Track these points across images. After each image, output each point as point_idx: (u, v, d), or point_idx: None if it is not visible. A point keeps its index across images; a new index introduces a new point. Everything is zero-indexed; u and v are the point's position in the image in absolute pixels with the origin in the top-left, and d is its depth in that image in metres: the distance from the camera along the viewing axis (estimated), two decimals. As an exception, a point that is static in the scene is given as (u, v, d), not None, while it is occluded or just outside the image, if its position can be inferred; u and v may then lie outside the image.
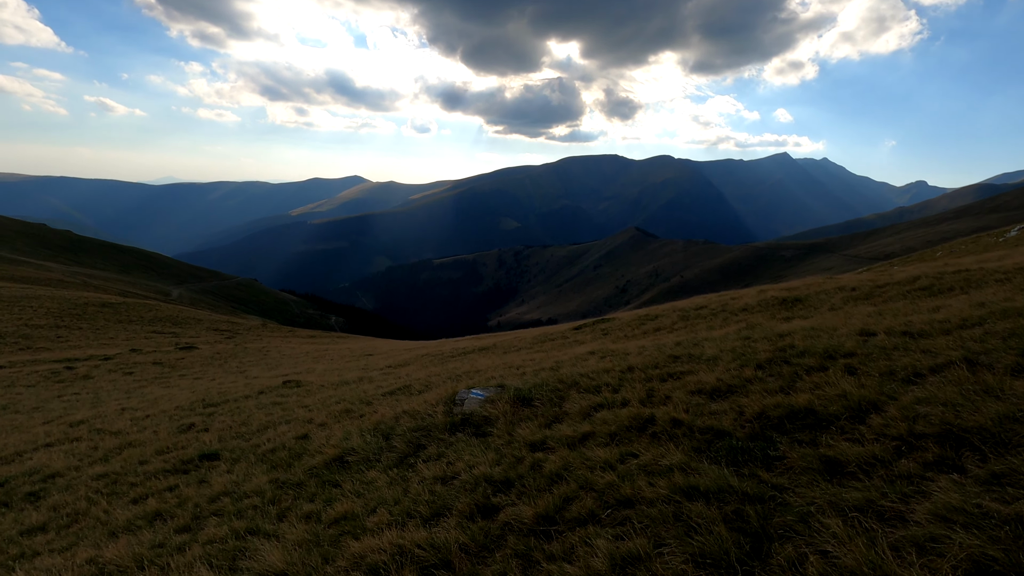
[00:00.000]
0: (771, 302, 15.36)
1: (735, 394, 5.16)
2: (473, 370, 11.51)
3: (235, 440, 7.70)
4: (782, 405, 4.34)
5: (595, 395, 6.23)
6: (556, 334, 19.92)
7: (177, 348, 39.13)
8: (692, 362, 7.16)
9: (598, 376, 7.17)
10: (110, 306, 61.01)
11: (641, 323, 17.74)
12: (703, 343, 8.79)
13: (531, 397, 6.50)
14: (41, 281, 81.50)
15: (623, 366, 7.63)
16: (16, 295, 60.48)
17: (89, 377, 26.10)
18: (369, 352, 32.33)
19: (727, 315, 15.16)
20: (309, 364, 26.50)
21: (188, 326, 58.79)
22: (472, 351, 19.57)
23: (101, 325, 52.57)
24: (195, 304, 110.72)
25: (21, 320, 49.90)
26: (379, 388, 11.00)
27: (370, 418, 7.25)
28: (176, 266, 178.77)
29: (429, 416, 6.27)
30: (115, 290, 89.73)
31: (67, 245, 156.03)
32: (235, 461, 6.48)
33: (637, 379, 6.70)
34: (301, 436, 7.05)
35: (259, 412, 10.07)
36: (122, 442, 8.75)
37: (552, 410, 6.00)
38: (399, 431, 5.95)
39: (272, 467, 5.79)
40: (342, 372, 18.83)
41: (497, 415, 5.91)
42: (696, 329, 13.67)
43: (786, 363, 5.94)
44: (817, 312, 12.31)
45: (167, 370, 28.16)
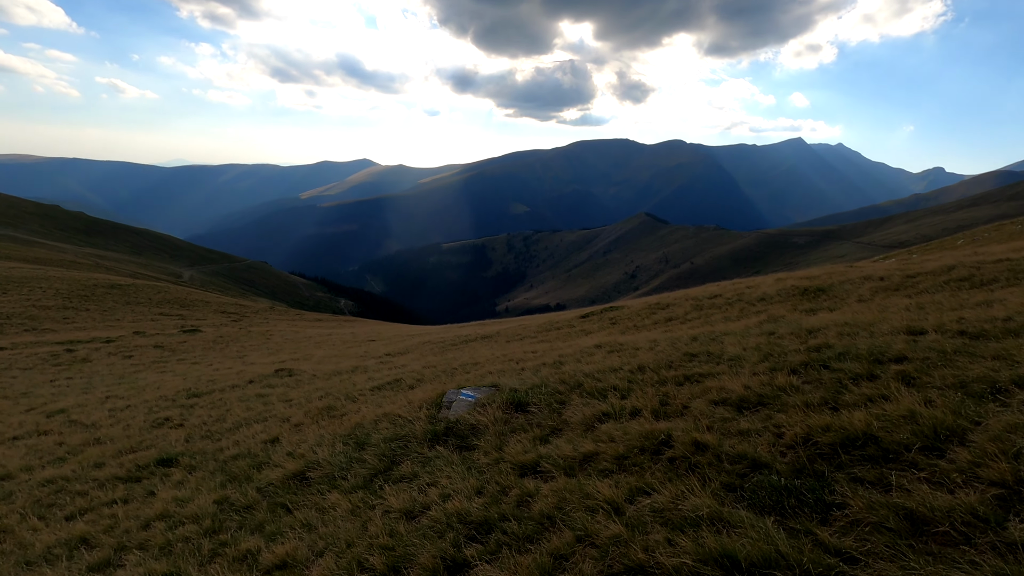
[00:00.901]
0: (791, 292, 14.39)
1: (768, 407, 4.31)
2: (471, 362, 10.74)
3: (202, 441, 7.00)
4: (833, 428, 3.48)
5: (600, 401, 5.40)
6: (562, 322, 19.09)
7: (181, 331, 38.80)
8: (712, 362, 6.31)
9: (604, 377, 6.34)
10: (119, 288, 60.96)
11: (652, 312, 16.85)
12: (722, 338, 7.92)
13: (527, 401, 5.69)
14: (54, 262, 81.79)
15: (633, 365, 6.79)
16: (27, 276, 60.58)
17: (88, 360, 25.71)
18: (372, 338, 31.71)
19: (744, 305, 14.23)
20: (309, 350, 25.92)
21: (196, 308, 58.65)
22: (475, 339, 18.81)
23: (109, 307, 52.48)
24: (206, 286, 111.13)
25: (30, 301, 49.86)
26: (370, 380, 10.27)
27: (349, 420, 6.49)
28: (188, 248, 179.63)
29: (410, 422, 5.49)
30: (126, 272, 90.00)
31: (81, 226, 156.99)
32: (192, 469, 5.77)
33: (649, 382, 5.86)
34: (271, 440, 6.33)
35: (240, 406, 9.38)
36: (88, 438, 8.11)
37: (550, 419, 5.19)
38: (374, 440, 5.18)
39: (228, 480, 5.06)
40: (340, 359, 18.17)
41: (486, 424, 5.11)
42: (712, 320, 12.77)
43: (825, 368, 5.07)
44: (844, 304, 11.37)
45: (167, 354, 27.72)
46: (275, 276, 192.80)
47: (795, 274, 19.32)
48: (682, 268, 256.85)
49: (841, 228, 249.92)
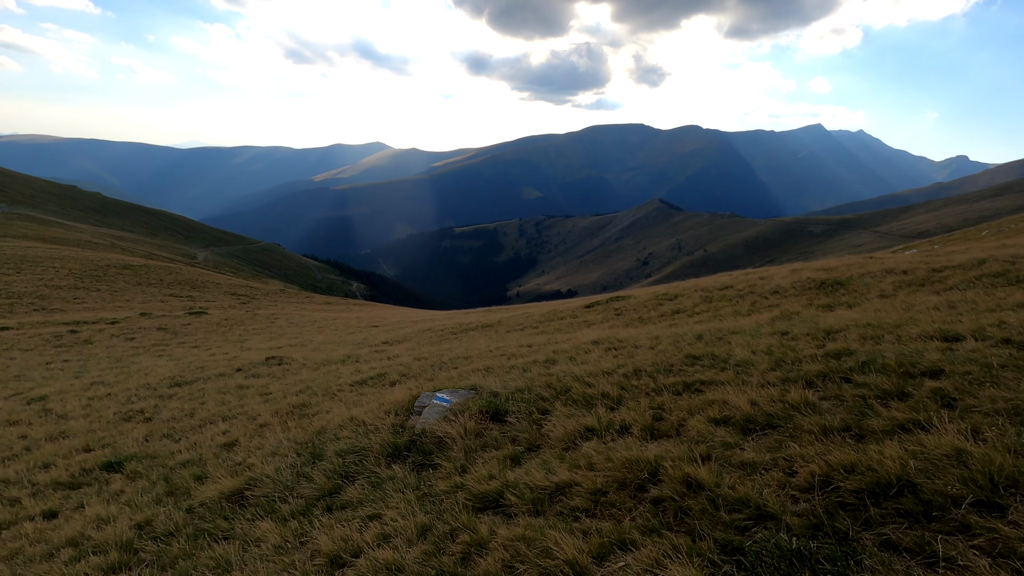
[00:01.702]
0: (807, 284, 13.57)
1: (778, 430, 3.64)
2: (463, 355, 10.15)
3: (161, 441, 6.50)
4: (859, 468, 2.81)
5: (586, 412, 4.77)
6: (566, 312, 18.43)
7: (187, 313, 38.72)
8: (716, 367, 5.63)
9: (596, 381, 5.69)
10: (131, 268, 61.22)
11: (659, 303, 16.12)
12: (730, 337, 7.22)
13: (506, 409, 5.07)
14: (70, 242, 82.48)
15: (629, 367, 6.13)
16: (41, 255, 61.01)
17: (89, 342, 25.58)
18: (376, 323, 31.30)
19: (756, 298, 13.45)
20: (311, 335, 25.54)
21: (206, 290, 58.74)
22: (475, 328, 18.23)
23: (119, 287, 52.66)
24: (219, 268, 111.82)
25: (42, 280, 50.15)
26: (357, 373, 9.74)
27: (315, 423, 5.93)
28: (203, 229, 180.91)
29: (373, 431, 4.90)
30: (141, 252, 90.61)
31: (97, 207, 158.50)
32: (135, 477, 5.26)
33: (644, 389, 5.21)
34: (229, 444, 5.80)
35: (216, 399, 8.90)
36: (53, 432, 7.68)
37: (528, 432, 4.57)
38: (330, 452, 4.60)
39: (165, 494, 4.53)
40: (336, 347, 17.71)
41: (455, 437, 4.50)
42: (721, 314, 12.03)
43: (846, 381, 4.38)
44: (864, 299, 10.57)
45: (169, 336, 27.54)
46: (288, 258, 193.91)
47: (811, 265, 18.43)
48: (695, 256, 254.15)
49: (859, 217, 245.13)
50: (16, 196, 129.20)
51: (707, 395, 4.69)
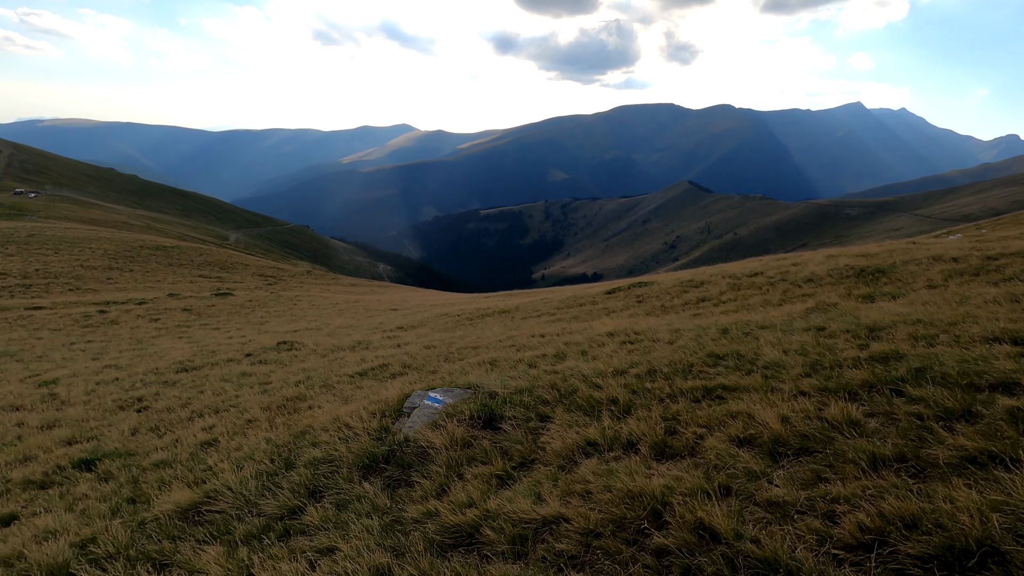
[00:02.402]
0: (844, 272, 12.63)
1: (815, 458, 3.02)
2: (472, 345, 9.66)
3: (147, 435, 6.20)
4: (922, 524, 2.19)
5: (591, 421, 4.20)
6: (586, 298, 17.77)
7: (213, 294, 39.24)
8: (742, 370, 4.98)
9: (605, 382, 5.11)
10: (163, 249, 62.51)
11: (683, 290, 15.34)
12: (758, 333, 6.53)
13: (501, 415, 4.53)
14: (108, 223, 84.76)
15: (644, 366, 5.52)
16: (80, 236, 62.73)
17: (116, 323, 26.00)
18: (395, 307, 31.13)
19: (788, 286, 12.58)
20: (329, 318, 25.46)
21: (235, 271, 59.64)
22: (492, 313, 17.75)
23: (152, 268, 53.77)
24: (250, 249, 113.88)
25: (78, 261, 51.52)
26: (361, 363, 9.35)
27: (301, 421, 5.51)
28: (234, 211, 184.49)
29: (354, 436, 4.43)
30: (175, 234, 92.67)
31: (134, 189, 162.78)
32: (105, 479, 4.94)
33: (658, 395, 4.61)
34: (209, 442, 5.44)
35: (214, 387, 8.63)
36: (48, 420, 7.50)
37: (523, 443, 4.03)
38: (304, 460, 4.15)
39: (126, 501, 4.16)
40: (350, 331, 17.45)
41: (439, 448, 3.99)
42: (749, 304, 11.24)
43: (897, 393, 3.70)
44: (910, 290, 9.67)
45: (192, 318, 27.83)
46: (316, 240, 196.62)
47: (848, 250, 17.34)
48: (724, 239, 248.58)
49: (899, 199, 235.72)
50: (59, 179, 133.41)
51: (730, 405, 4.07)
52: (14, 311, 29.57)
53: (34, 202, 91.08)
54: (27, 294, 37.65)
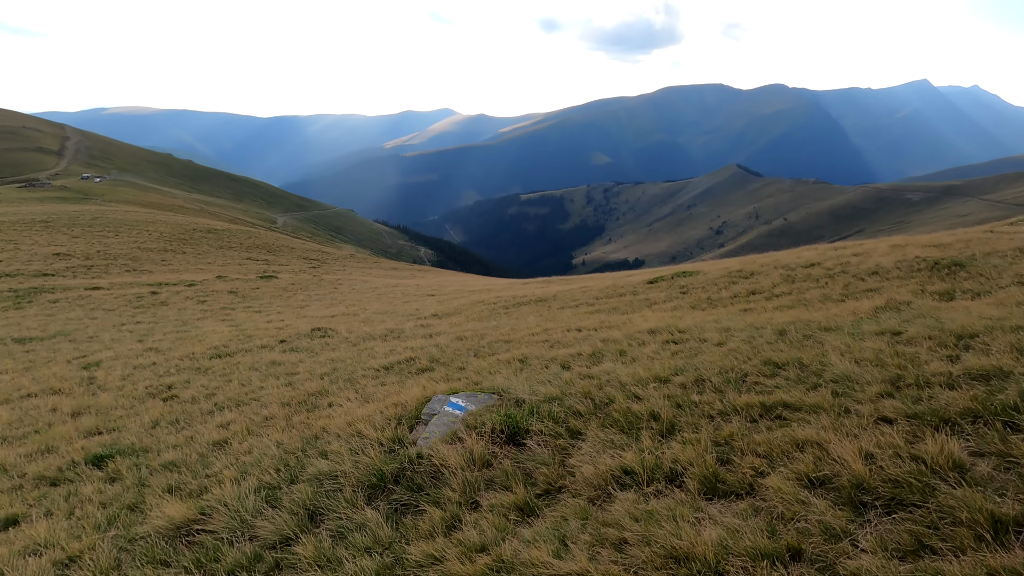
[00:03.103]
0: (914, 265, 11.48)
1: (913, 515, 2.40)
2: (504, 338, 9.20)
3: (166, 429, 6.04)
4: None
5: (628, 441, 3.67)
6: (626, 287, 17.03)
7: (259, 277, 40.20)
8: (805, 383, 4.32)
9: (646, 392, 4.55)
10: (215, 232, 64.69)
11: (732, 281, 14.42)
12: (822, 336, 5.79)
13: (527, 428, 4.05)
14: (165, 207, 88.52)
15: (690, 373, 4.92)
16: (139, 219, 65.62)
17: (165, 304, 26.86)
18: (432, 292, 31.02)
19: (850, 280, 11.54)
20: (368, 303, 25.54)
21: (281, 254, 61.16)
22: (528, 302, 17.25)
23: (203, 250, 55.67)
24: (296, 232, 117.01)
25: (136, 243, 53.83)
26: (390, 354, 9.05)
27: (317, 422, 5.20)
28: (283, 196, 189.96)
29: (364, 448, 4.04)
30: (227, 217, 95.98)
31: (189, 174, 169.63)
32: (112, 479, 4.75)
33: (706, 411, 4.02)
34: (221, 442, 5.20)
35: (242, 376, 8.50)
36: (79, 407, 7.52)
37: (549, 466, 3.54)
38: (309, 473, 3.80)
39: (125, 510, 3.91)
40: (386, 317, 17.32)
41: (455, 468, 3.55)
42: (806, 299, 10.33)
43: (1012, 427, 3.01)
44: (996, 287, 8.61)
45: (237, 300, 28.49)
46: (360, 224, 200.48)
47: (917, 239, 15.95)
48: (774, 225, 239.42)
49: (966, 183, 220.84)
50: (121, 164, 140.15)
51: (794, 430, 3.45)
52: (75, 291, 30.99)
53: (99, 186, 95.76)
54: (88, 274, 39.48)
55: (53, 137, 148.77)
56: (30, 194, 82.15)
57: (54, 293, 29.83)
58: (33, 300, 28.20)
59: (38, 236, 50.51)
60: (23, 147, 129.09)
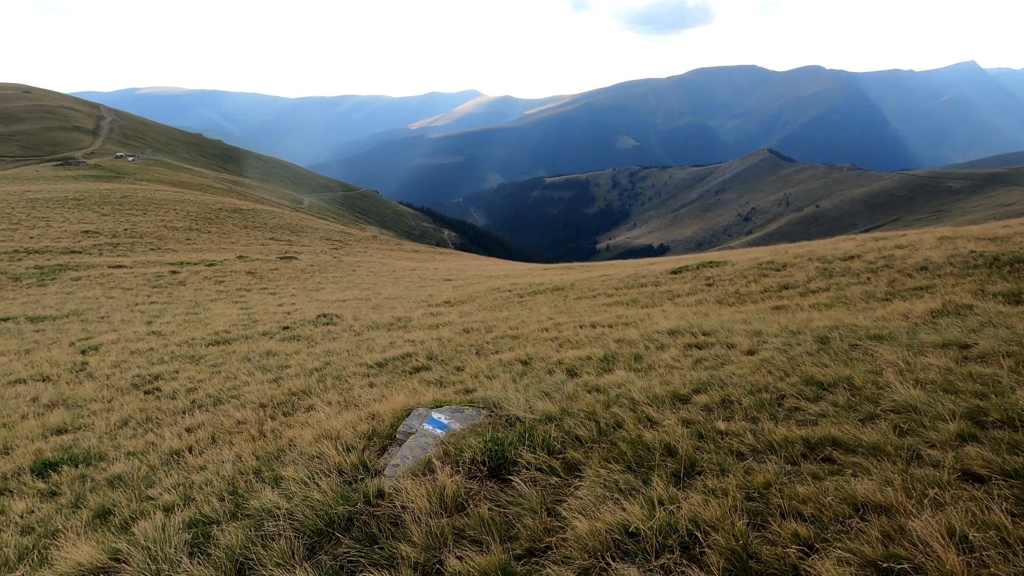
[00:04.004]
0: (969, 260, 10.37)
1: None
2: (512, 334, 8.51)
3: (130, 431, 5.53)
4: None
5: (636, 485, 2.96)
6: (648, 277, 16.14)
7: (279, 258, 40.20)
8: (858, 412, 3.53)
9: (662, 415, 3.81)
10: (240, 212, 65.20)
11: (762, 273, 13.44)
12: (872, 347, 4.94)
13: (515, 460, 3.36)
14: (194, 186, 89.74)
15: (715, 392, 4.16)
16: (167, 198, 66.48)
17: (183, 284, 26.85)
18: (450, 276, 30.47)
19: (895, 275, 10.50)
20: (383, 287, 25.13)
21: (304, 235, 61.32)
22: (544, 291, 16.50)
23: (228, 230, 56.08)
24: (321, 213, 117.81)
25: (163, 222, 54.45)
26: (389, 347, 8.45)
27: (285, 434, 4.61)
28: (309, 176, 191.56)
29: (322, 475, 3.41)
30: (253, 197, 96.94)
31: (219, 153, 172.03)
32: (50, 496, 4.23)
33: (735, 446, 3.27)
34: (177, 452, 4.65)
35: (231, 369, 8.00)
36: (57, 398, 7.11)
37: (534, 516, 2.85)
38: (251, 509, 3.19)
39: (43, 538, 3.38)
40: (397, 304, 16.79)
41: (420, 514, 2.89)
42: (847, 297, 9.35)
43: None
44: (1071, 289, 7.55)
45: (254, 281, 28.37)
46: (385, 205, 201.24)
47: (968, 231, 14.66)
48: (805, 212, 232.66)
49: (1012, 171, 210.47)
50: (153, 143, 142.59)
51: (851, 484, 2.69)
52: (97, 268, 31.27)
53: (131, 165, 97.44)
54: (113, 252, 39.95)
55: (88, 116, 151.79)
56: (66, 172, 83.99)
57: (77, 271, 30.12)
58: (56, 278, 28.49)
59: (69, 214, 51.38)
60: (60, 126, 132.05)
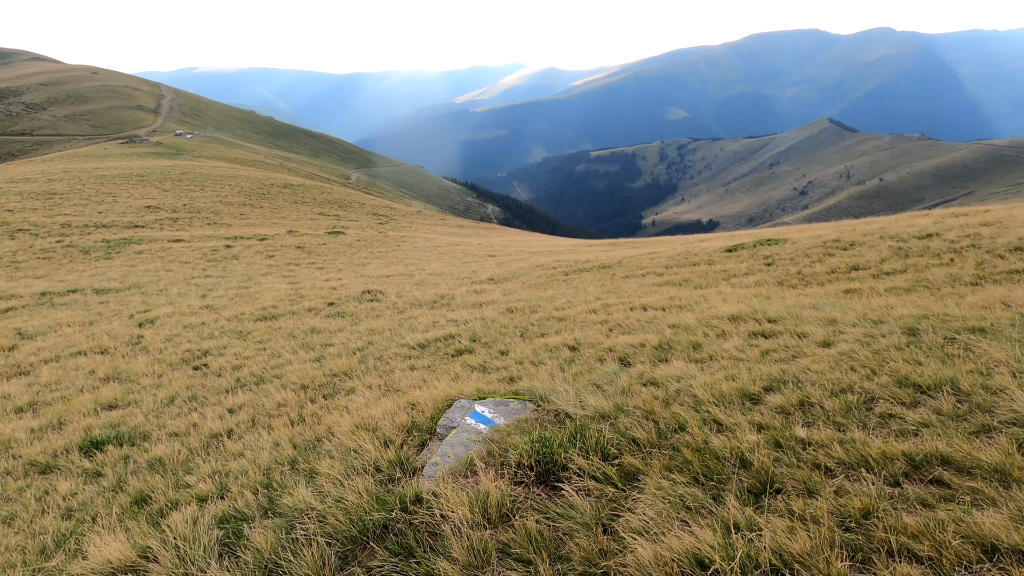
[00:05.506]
0: (1073, 239, 9.24)
1: None
2: (557, 315, 8.15)
3: (176, 409, 5.53)
4: None
5: (704, 501, 2.60)
6: (700, 255, 15.38)
7: (327, 233, 40.99)
8: (968, 423, 3.03)
9: (730, 417, 3.40)
10: (291, 187, 66.88)
11: (827, 252, 12.51)
12: (973, 343, 4.33)
13: (566, 464, 3.04)
14: (247, 162, 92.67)
15: (791, 391, 3.70)
16: (223, 174, 68.85)
17: (236, 258, 27.68)
18: (494, 252, 30.23)
19: (984, 256, 9.49)
20: (427, 262, 25.14)
21: (351, 209, 62.38)
22: (589, 268, 15.99)
23: (279, 205, 57.62)
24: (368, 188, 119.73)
25: (219, 197, 56.41)
26: (432, 327, 8.27)
27: (324, 420, 4.45)
28: (356, 152, 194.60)
29: (357, 473, 3.20)
30: (303, 172, 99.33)
31: (270, 130, 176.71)
32: (93, 477, 4.22)
33: (820, 458, 2.85)
34: (217, 436, 4.56)
35: (276, 346, 8.01)
36: (112, 372, 7.28)
37: (588, 535, 2.53)
38: (283, 507, 3.00)
39: (75, 527, 3.32)
40: (440, 280, 16.67)
41: (461, 524, 2.62)
42: (929, 282, 8.49)
43: None
44: None
45: (303, 256, 28.97)
46: (429, 180, 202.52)
47: (1066, 207, 13.19)
48: (867, 186, 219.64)
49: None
50: (210, 121, 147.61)
51: (971, 515, 2.23)
52: (158, 243, 32.66)
53: (190, 142, 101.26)
54: (173, 227, 41.67)
55: (150, 96, 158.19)
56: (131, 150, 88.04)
57: (140, 244, 31.54)
58: (121, 251, 29.91)
59: (134, 189, 53.85)
60: (125, 105, 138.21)
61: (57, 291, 17.32)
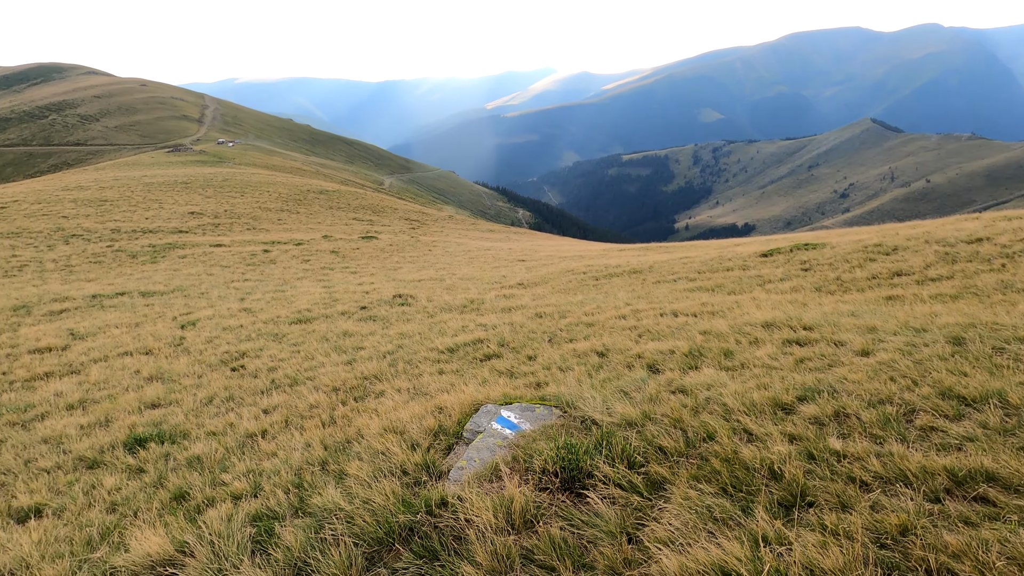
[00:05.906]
0: None
1: None
2: (587, 320, 8.10)
3: (213, 409, 5.72)
4: None
5: (733, 513, 2.54)
6: (735, 260, 15.06)
7: (360, 238, 41.78)
8: (1016, 438, 2.88)
9: (761, 427, 3.33)
10: (326, 193, 68.52)
11: (868, 258, 12.09)
12: (1022, 352, 4.12)
13: (591, 471, 3.03)
14: (285, 169, 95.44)
15: (825, 401, 3.60)
16: (261, 181, 71.04)
17: (273, 262, 28.49)
18: (524, 257, 30.26)
19: (1038, 262, 9.01)
20: (458, 267, 25.34)
21: (384, 215, 63.48)
22: (620, 274, 15.85)
23: (315, 210, 59.06)
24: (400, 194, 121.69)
25: (257, 203, 58.20)
26: (461, 331, 8.33)
27: (354, 424, 4.54)
28: (390, 158, 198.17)
29: (384, 475, 3.26)
30: (338, 179, 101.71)
31: (307, 138, 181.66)
32: (136, 473, 4.40)
33: (856, 471, 2.76)
34: (252, 435, 4.70)
35: (310, 348, 8.20)
36: (156, 371, 7.59)
37: (613, 544, 2.51)
38: (313, 506, 3.08)
39: (119, 520, 3.46)
40: (470, 285, 16.80)
41: (485, 529, 2.63)
42: (979, 289, 8.11)
43: None
44: None
45: (337, 260, 29.60)
46: (461, 185, 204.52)
47: None
48: (913, 188, 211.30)
49: None
50: (250, 129, 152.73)
51: (1019, 536, 2.13)
52: (200, 247, 33.88)
53: (231, 150, 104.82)
54: (215, 232, 43.15)
55: (194, 106, 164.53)
56: (176, 158, 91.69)
57: (184, 249, 32.75)
58: (166, 255, 31.11)
59: (178, 196, 55.99)
60: (171, 115, 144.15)
61: (106, 294, 18.14)
